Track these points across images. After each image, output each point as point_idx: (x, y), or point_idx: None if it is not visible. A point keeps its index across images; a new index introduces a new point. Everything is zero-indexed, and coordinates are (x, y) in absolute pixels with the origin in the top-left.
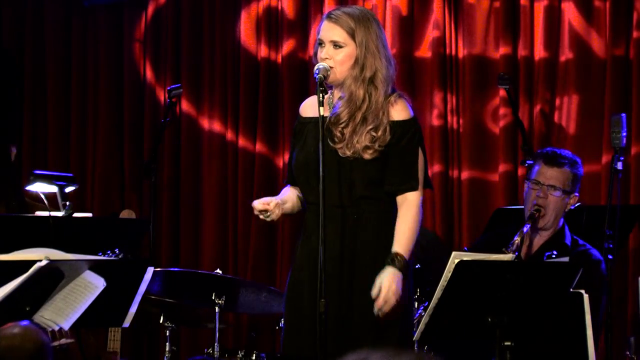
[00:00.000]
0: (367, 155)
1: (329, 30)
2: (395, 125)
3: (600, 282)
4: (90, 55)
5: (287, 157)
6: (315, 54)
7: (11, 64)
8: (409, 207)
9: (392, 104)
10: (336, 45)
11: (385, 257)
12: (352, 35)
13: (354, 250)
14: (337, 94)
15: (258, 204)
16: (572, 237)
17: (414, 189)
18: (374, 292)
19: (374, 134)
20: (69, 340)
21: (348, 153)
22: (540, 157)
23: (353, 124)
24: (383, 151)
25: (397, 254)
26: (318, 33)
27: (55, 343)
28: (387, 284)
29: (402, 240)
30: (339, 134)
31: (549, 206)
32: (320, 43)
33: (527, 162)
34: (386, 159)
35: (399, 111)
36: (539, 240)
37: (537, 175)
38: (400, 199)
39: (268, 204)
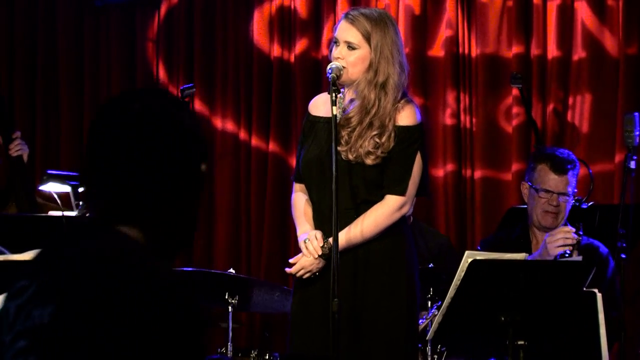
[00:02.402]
0: (369, 161)
1: (344, 31)
2: (400, 130)
3: (614, 275)
4: (102, 54)
5: None
6: (331, 51)
7: None
8: (378, 206)
9: (399, 110)
10: (350, 46)
11: (392, 259)
12: (368, 38)
13: (364, 251)
14: (348, 95)
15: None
16: None
17: (398, 193)
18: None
19: (377, 140)
20: None
21: (351, 157)
22: (544, 163)
23: (360, 128)
24: (385, 157)
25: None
26: (335, 31)
27: None
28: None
29: (343, 234)
30: (346, 137)
31: (563, 211)
32: (336, 42)
33: (531, 163)
34: (387, 163)
35: (405, 117)
36: None
37: (545, 184)
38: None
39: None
